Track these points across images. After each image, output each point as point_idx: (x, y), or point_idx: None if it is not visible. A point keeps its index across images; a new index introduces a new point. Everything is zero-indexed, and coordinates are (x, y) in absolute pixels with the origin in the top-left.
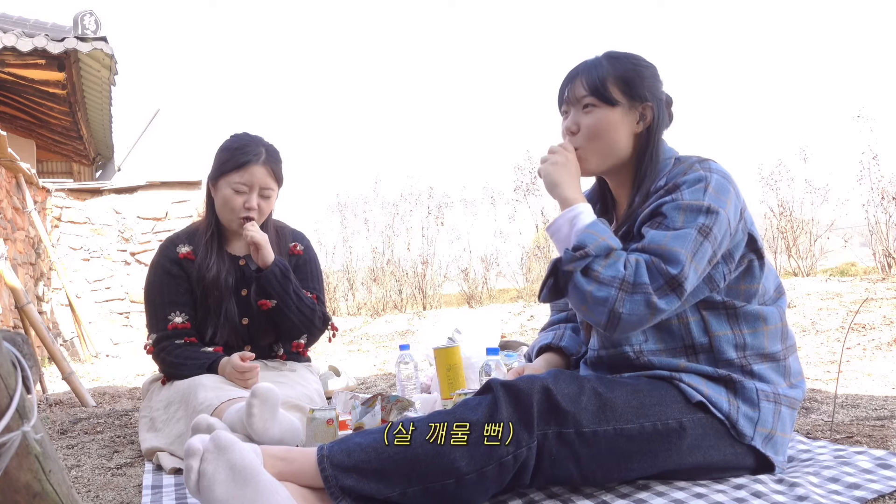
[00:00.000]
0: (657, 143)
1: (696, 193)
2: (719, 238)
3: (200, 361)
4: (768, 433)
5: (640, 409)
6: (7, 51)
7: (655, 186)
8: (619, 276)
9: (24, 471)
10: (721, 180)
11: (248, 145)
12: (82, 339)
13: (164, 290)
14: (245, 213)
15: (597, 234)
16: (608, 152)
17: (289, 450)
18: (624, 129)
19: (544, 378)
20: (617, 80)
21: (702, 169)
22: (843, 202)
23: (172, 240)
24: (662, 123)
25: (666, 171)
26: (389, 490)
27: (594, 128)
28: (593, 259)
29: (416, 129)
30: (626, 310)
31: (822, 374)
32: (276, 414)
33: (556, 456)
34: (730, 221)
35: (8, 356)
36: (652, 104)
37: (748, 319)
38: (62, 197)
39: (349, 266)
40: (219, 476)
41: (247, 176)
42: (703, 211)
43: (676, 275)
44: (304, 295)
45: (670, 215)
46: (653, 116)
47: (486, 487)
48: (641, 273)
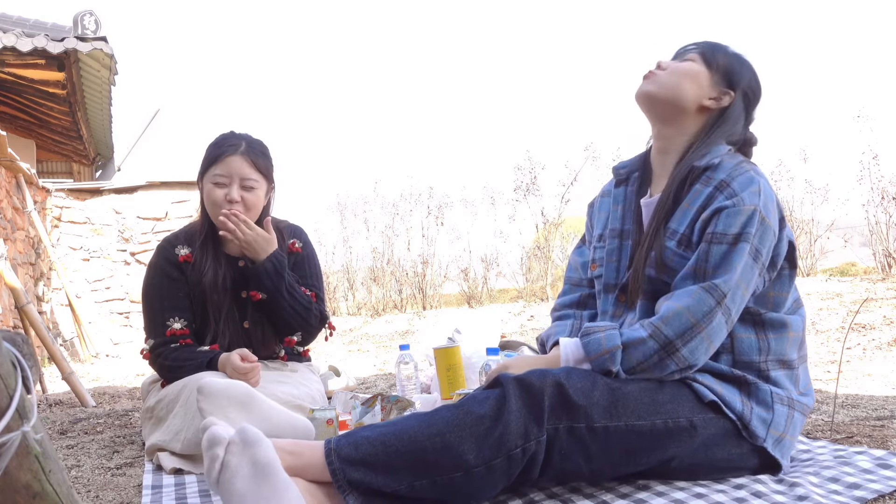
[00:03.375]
0: (715, 130)
1: (752, 197)
2: (764, 254)
3: (199, 361)
4: (780, 436)
5: (651, 406)
6: (7, 51)
7: (700, 163)
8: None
9: (24, 471)
10: (768, 187)
11: (227, 139)
12: (82, 339)
13: (163, 294)
14: (227, 206)
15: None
16: (673, 86)
17: (297, 443)
18: (700, 87)
19: (557, 373)
20: (729, 58)
21: (752, 170)
22: (844, 202)
23: (171, 241)
24: (730, 122)
25: (718, 153)
26: (397, 483)
27: (681, 68)
28: (626, 371)
29: (416, 130)
30: (688, 358)
31: (823, 373)
32: (248, 407)
33: (567, 450)
34: (774, 231)
35: (8, 356)
36: (733, 95)
37: (773, 326)
38: (62, 197)
39: (349, 266)
40: (241, 470)
41: (225, 167)
42: (756, 217)
43: (723, 297)
44: (298, 292)
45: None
46: (727, 105)
47: (495, 481)
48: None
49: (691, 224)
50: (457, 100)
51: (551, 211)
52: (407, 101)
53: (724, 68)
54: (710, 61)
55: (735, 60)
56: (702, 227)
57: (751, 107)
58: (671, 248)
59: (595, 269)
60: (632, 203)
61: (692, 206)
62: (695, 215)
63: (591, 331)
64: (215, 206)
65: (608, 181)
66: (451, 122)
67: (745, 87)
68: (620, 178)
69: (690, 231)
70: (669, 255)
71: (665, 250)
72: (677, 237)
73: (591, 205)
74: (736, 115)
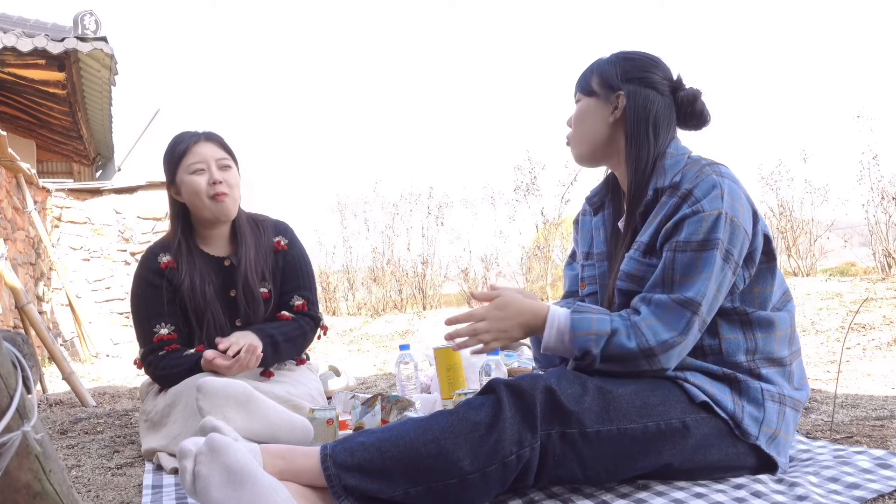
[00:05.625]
0: (637, 131)
1: (713, 202)
2: (736, 255)
3: (185, 366)
4: (772, 433)
5: (643, 409)
6: (7, 51)
7: (664, 183)
8: (635, 351)
9: (25, 471)
10: (733, 187)
11: (184, 134)
12: (82, 339)
13: (148, 302)
14: (213, 189)
15: (587, 334)
16: (582, 138)
17: (289, 449)
18: (598, 117)
19: (547, 378)
20: (598, 72)
21: (714, 173)
22: (843, 202)
23: (153, 249)
24: (643, 113)
25: (678, 168)
26: (392, 489)
27: (575, 117)
28: (601, 357)
29: (416, 130)
30: (662, 363)
31: (822, 373)
32: (247, 407)
33: (560, 456)
34: (745, 229)
35: (8, 356)
36: (621, 92)
37: (761, 324)
38: (62, 197)
39: (349, 266)
40: (213, 479)
41: (196, 154)
42: (722, 219)
43: (699, 308)
44: (290, 331)
45: (690, 233)
46: (625, 105)
47: (490, 487)
48: (655, 330)
49: (655, 233)
50: (457, 100)
51: (551, 211)
52: (407, 101)
53: (600, 83)
54: (587, 89)
55: (605, 66)
56: (665, 236)
57: (655, 79)
58: (635, 259)
59: (584, 287)
60: (610, 226)
61: (657, 217)
62: (658, 225)
63: (583, 309)
64: (199, 195)
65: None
66: (451, 122)
67: (630, 75)
68: (595, 207)
69: (654, 240)
70: (634, 264)
71: (630, 261)
72: (643, 247)
73: (575, 221)
74: (643, 102)
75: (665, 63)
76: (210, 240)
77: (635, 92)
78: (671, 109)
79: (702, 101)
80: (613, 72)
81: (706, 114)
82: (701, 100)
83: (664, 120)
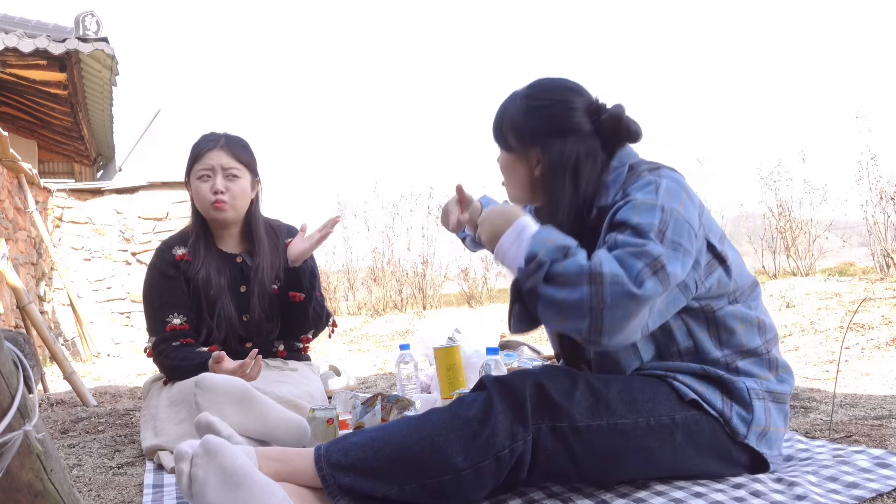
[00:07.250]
0: (554, 185)
1: (647, 195)
2: (685, 244)
3: (195, 362)
4: (762, 430)
5: (633, 405)
6: (9, 51)
7: (606, 201)
8: (585, 270)
9: (26, 470)
10: (672, 184)
11: (206, 137)
12: (83, 338)
13: (162, 292)
14: (213, 197)
15: (545, 240)
16: (513, 188)
17: (284, 450)
18: (523, 170)
19: (537, 373)
20: (511, 126)
21: (651, 174)
22: (842, 202)
23: (168, 242)
24: (560, 166)
25: (620, 182)
26: (387, 488)
27: (501, 169)
28: (550, 263)
29: (416, 130)
30: (607, 303)
31: (821, 373)
32: (244, 405)
33: (551, 451)
34: (689, 223)
35: (10, 356)
36: (538, 149)
37: (725, 321)
38: (63, 197)
39: (349, 266)
40: (210, 481)
41: (206, 161)
42: (658, 208)
43: (657, 257)
44: (317, 295)
45: (626, 215)
46: (543, 158)
47: (484, 483)
48: (610, 263)
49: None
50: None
51: None
52: (407, 101)
53: (515, 138)
54: (505, 144)
55: (517, 119)
56: (606, 229)
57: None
58: None
59: None
60: None
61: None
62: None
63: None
64: (203, 201)
65: None
66: (451, 122)
67: (543, 129)
68: None
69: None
70: None
71: None
72: None
73: None
74: (558, 155)
75: (582, 87)
76: (222, 238)
77: (550, 145)
78: (595, 142)
79: (626, 119)
80: (526, 127)
81: (633, 130)
82: (626, 117)
83: (587, 161)
